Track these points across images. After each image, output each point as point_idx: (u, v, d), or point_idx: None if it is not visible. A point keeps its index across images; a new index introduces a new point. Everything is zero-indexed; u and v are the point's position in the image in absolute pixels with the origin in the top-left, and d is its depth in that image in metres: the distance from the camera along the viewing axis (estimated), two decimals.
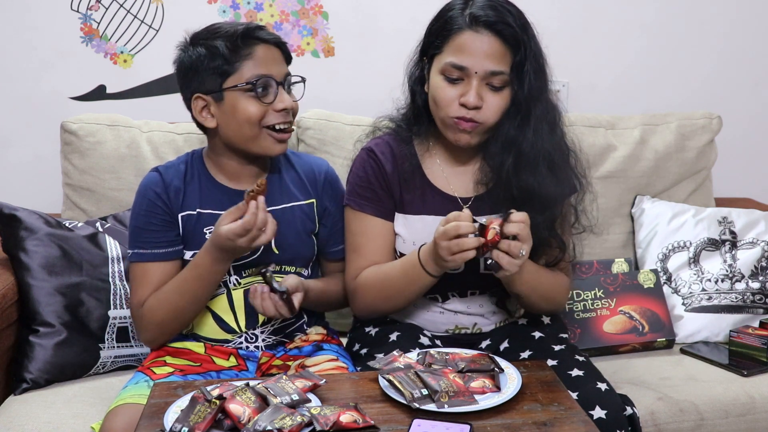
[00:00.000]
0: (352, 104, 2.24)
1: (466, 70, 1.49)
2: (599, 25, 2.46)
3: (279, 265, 1.61)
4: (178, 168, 1.62)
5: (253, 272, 1.56)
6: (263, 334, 1.63)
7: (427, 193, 1.62)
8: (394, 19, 2.34)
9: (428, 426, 1.18)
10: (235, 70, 1.51)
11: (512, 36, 1.48)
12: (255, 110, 1.52)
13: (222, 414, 1.17)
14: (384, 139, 1.67)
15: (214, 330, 1.62)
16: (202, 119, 1.56)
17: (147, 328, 1.57)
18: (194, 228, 1.58)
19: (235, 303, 1.61)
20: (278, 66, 1.55)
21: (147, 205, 1.57)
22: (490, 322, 1.68)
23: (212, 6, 2.29)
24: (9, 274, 1.75)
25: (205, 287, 1.53)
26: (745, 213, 2.14)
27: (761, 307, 2.01)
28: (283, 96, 1.54)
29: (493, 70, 1.48)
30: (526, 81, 1.50)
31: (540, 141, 1.53)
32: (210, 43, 1.51)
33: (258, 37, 1.53)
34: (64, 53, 2.26)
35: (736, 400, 1.70)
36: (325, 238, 1.69)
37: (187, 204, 1.58)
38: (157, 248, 1.56)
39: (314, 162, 1.73)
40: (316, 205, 1.67)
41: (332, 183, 1.71)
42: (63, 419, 1.54)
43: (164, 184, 1.58)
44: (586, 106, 2.35)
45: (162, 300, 1.54)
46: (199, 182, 1.60)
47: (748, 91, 2.56)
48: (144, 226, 1.57)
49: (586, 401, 1.39)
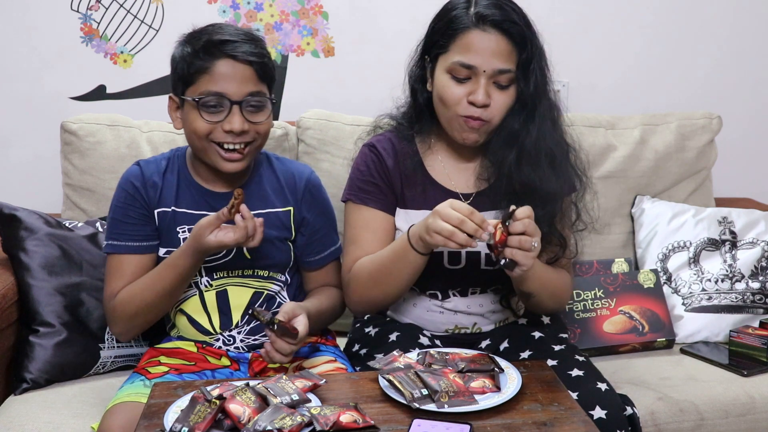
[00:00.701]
0: (352, 104, 2.24)
1: (474, 69, 1.50)
2: (599, 25, 2.46)
3: (252, 270, 1.60)
4: (159, 164, 1.61)
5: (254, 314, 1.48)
6: (240, 335, 1.61)
7: (428, 189, 1.63)
8: (394, 19, 2.34)
9: (428, 426, 1.18)
10: (193, 81, 1.49)
11: (519, 34, 1.50)
12: (200, 125, 1.49)
13: (222, 414, 1.17)
14: (386, 135, 1.68)
15: (191, 332, 1.61)
16: (172, 118, 1.57)
17: (117, 321, 1.56)
18: (168, 226, 1.57)
19: (207, 304, 1.60)
20: (238, 85, 1.48)
21: (125, 198, 1.57)
22: (489, 321, 1.68)
23: (212, 6, 2.29)
24: (9, 274, 1.75)
25: (180, 287, 1.54)
26: (745, 213, 2.14)
27: (761, 307, 2.01)
28: (233, 118, 1.47)
29: (501, 69, 1.50)
30: (532, 78, 1.51)
31: (542, 137, 1.54)
32: (185, 47, 1.51)
33: (223, 52, 1.47)
34: (64, 53, 2.26)
35: (736, 400, 1.70)
36: (302, 246, 1.65)
37: (162, 200, 1.58)
38: (133, 241, 1.56)
39: (297, 169, 1.68)
40: (293, 213, 1.63)
41: (313, 191, 1.66)
42: (63, 419, 1.54)
43: (143, 178, 1.58)
44: (586, 106, 2.35)
45: (134, 294, 1.53)
46: (177, 180, 1.60)
47: (748, 91, 2.57)
48: (121, 218, 1.57)
49: (586, 401, 1.39)
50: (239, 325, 1.60)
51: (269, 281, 1.62)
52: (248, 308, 1.59)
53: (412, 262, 1.50)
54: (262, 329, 1.61)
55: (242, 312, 1.60)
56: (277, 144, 2.05)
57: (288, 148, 2.08)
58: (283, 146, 2.07)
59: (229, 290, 1.60)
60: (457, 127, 1.55)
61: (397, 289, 1.57)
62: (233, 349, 1.61)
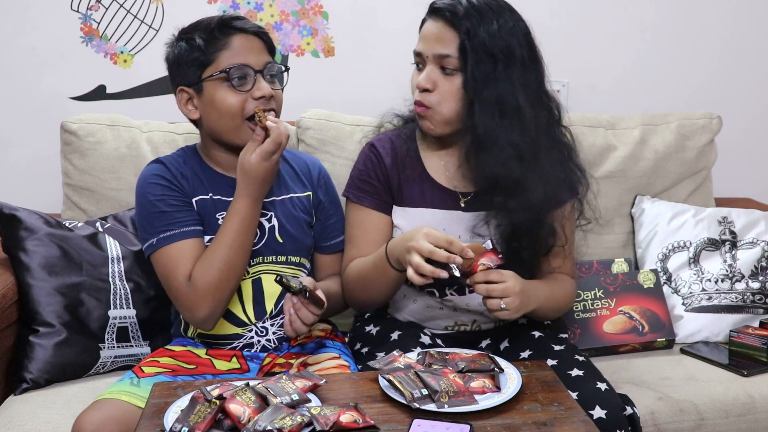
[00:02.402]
0: (352, 104, 2.24)
1: (421, 56, 1.56)
2: (599, 25, 2.46)
3: (285, 256, 1.63)
4: (178, 160, 1.64)
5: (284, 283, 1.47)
6: (273, 327, 1.62)
7: (427, 188, 1.63)
8: (394, 19, 2.34)
9: (428, 426, 1.18)
10: (212, 61, 1.53)
11: (455, 19, 1.51)
12: (233, 100, 1.53)
13: (222, 414, 1.17)
14: (387, 135, 1.70)
15: (223, 326, 1.60)
16: (186, 111, 1.59)
17: (202, 301, 1.50)
18: (208, 212, 1.58)
19: (243, 294, 1.60)
20: (257, 55, 1.55)
21: (161, 190, 1.56)
22: (489, 320, 1.68)
23: (212, 6, 2.29)
24: (9, 274, 1.74)
25: (250, 233, 1.54)
26: (745, 213, 2.14)
27: (761, 307, 2.01)
28: (261, 84, 1.54)
29: (441, 53, 1.52)
30: (472, 64, 1.50)
31: (494, 126, 1.50)
32: (189, 36, 1.55)
33: (235, 27, 1.54)
34: (64, 53, 2.26)
35: (736, 400, 1.70)
36: (319, 231, 1.70)
37: (198, 189, 1.59)
38: (186, 226, 1.54)
39: (308, 158, 1.77)
40: (312, 198, 1.69)
41: (326, 179, 1.75)
42: (63, 419, 1.53)
43: (171, 173, 1.59)
44: (586, 106, 2.35)
45: (211, 260, 1.50)
46: (202, 172, 1.62)
47: (748, 91, 2.57)
48: (166, 209, 1.55)
49: (585, 401, 1.39)
50: (272, 314, 1.61)
51: (299, 268, 1.65)
52: (281, 298, 1.58)
53: (392, 277, 1.51)
54: None
55: (275, 301, 1.61)
56: None
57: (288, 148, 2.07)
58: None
59: (263, 278, 1.61)
60: (417, 116, 1.59)
61: (381, 295, 1.59)
62: (264, 341, 1.61)
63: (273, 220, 1.62)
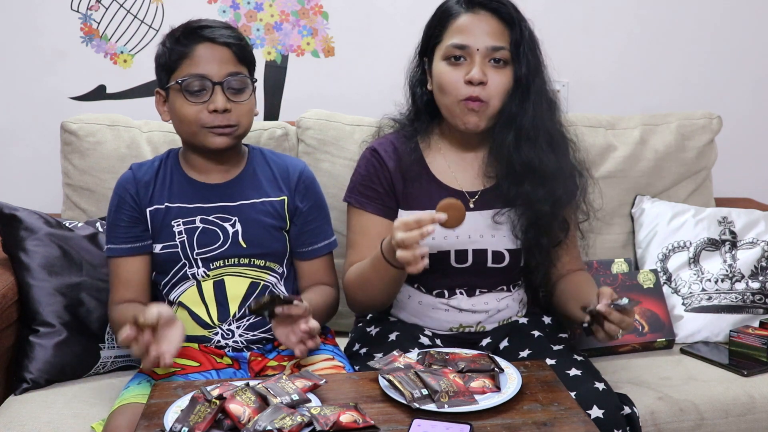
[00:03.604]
0: (352, 104, 2.24)
1: (467, 49, 1.53)
2: (599, 25, 2.46)
3: (248, 258, 1.62)
4: (152, 165, 1.66)
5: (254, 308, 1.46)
6: (239, 329, 1.62)
7: (432, 189, 1.63)
8: (394, 19, 2.34)
9: (428, 426, 1.18)
10: (175, 68, 1.54)
11: (508, 14, 1.54)
12: (189, 110, 1.53)
13: (222, 414, 1.17)
14: (388, 138, 1.69)
15: (191, 326, 1.60)
16: (161, 112, 1.61)
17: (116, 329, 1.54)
18: (163, 221, 1.60)
19: (205, 295, 1.60)
20: (218, 66, 1.53)
21: (117, 202, 1.62)
22: (493, 321, 1.68)
23: (212, 6, 2.29)
24: (9, 274, 1.74)
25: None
26: (745, 213, 2.14)
27: (761, 307, 2.01)
28: (216, 97, 1.52)
29: (494, 46, 1.53)
30: (524, 57, 1.54)
31: (539, 116, 1.56)
32: (165, 42, 1.57)
33: (201, 35, 1.53)
34: (64, 53, 2.26)
35: (736, 400, 1.70)
36: (295, 236, 1.67)
37: (155, 198, 1.61)
38: (125, 243, 1.60)
39: (291, 162, 1.72)
40: (287, 202, 1.66)
41: (307, 183, 1.68)
42: (63, 419, 1.54)
43: (135, 181, 1.62)
44: (586, 106, 2.35)
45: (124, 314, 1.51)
46: (171, 177, 1.63)
47: (748, 91, 2.57)
48: (114, 222, 1.61)
49: (583, 401, 1.39)
50: (236, 316, 1.61)
51: (265, 271, 1.63)
52: (245, 300, 1.60)
53: (392, 276, 1.50)
54: (261, 325, 1.62)
55: (239, 303, 1.61)
56: (277, 144, 2.05)
57: (288, 148, 2.08)
58: (283, 146, 2.07)
59: (226, 280, 1.61)
60: (458, 112, 1.56)
61: (382, 295, 1.58)
62: (232, 343, 1.61)
63: (237, 225, 1.61)
